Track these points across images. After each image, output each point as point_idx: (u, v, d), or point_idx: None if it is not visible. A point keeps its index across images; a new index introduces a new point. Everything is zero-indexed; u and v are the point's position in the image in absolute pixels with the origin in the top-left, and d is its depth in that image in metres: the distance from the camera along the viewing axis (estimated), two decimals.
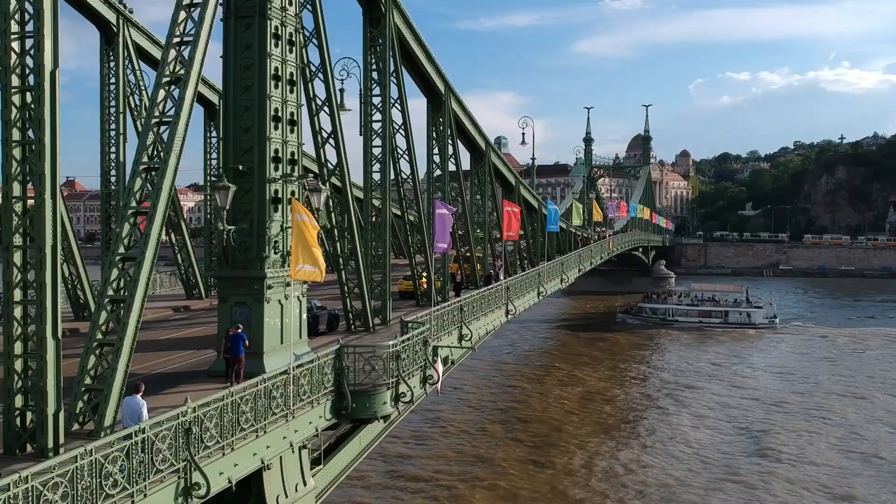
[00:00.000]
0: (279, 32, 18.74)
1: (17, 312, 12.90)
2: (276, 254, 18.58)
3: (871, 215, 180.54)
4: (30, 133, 12.90)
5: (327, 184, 22.56)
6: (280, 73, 18.73)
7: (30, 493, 9.46)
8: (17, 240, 12.89)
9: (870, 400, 49.73)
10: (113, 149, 29.12)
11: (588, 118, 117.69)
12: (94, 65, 31.86)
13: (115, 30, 28.42)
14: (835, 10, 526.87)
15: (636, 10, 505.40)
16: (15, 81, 12.81)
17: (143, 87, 29.29)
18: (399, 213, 31.65)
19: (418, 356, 19.74)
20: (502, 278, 36.94)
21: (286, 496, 17.65)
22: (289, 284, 18.70)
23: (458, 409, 46.34)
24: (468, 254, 37.57)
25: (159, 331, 26.48)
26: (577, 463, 36.55)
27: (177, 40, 16.29)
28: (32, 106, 12.76)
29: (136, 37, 29.44)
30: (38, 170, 12.66)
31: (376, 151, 26.70)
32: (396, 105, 27.51)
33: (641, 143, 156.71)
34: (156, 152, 15.38)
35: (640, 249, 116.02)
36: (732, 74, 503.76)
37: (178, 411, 12.16)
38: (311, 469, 19.14)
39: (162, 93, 15.86)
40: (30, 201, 12.92)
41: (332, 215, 24.22)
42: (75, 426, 13.70)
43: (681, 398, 50.18)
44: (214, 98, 32.79)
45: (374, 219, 27.94)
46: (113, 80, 28.79)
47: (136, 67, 29.21)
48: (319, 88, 23.06)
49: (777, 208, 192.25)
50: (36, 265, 12.83)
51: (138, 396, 13.34)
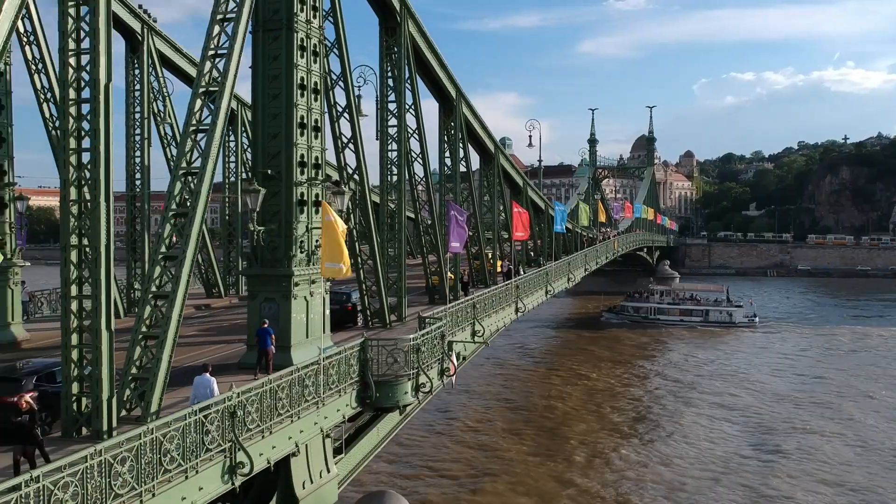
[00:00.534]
0: (304, 44, 19.86)
1: (74, 306, 14.04)
2: (301, 253, 19.69)
3: (874, 215, 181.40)
4: (84, 142, 14.05)
5: (348, 186, 23.68)
6: (305, 83, 19.85)
7: (103, 466, 10.58)
8: (73, 240, 14.03)
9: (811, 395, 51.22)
10: (138, 153, 30.22)
11: (593, 119, 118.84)
12: (119, 72, 33.02)
13: (139, 38, 29.55)
14: (838, 10, 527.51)
15: (639, 11, 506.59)
16: (72, 94, 13.95)
17: (166, 94, 30.43)
18: (413, 214, 32.72)
19: (436, 349, 20.87)
20: (522, 272, 38.16)
21: (311, 482, 18.77)
22: (314, 281, 19.84)
23: (465, 403, 47.57)
24: (477, 254, 38.66)
25: (184, 327, 27.51)
26: (579, 450, 37.76)
27: (211, 53, 17.44)
28: (88, 117, 13.89)
29: (159, 45, 30.59)
30: (94, 175, 13.79)
31: (392, 155, 27.82)
32: (410, 110, 28.65)
33: (645, 144, 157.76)
34: (193, 158, 16.52)
35: (645, 250, 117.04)
36: (736, 74, 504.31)
37: (224, 396, 13.28)
38: (334, 457, 20.32)
39: (199, 102, 17.01)
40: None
41: (352, 217, 25.32)
42: (122, 412, 14.85)
43: (665, 390, 51.90)
44: (234, 104, 33.89)
45: (389, 220, 29.01)
46: (138, 87, 29.90)
47: (160, 74, 30.33)
48: (339, 95, 24.25)
49: (781, 209, 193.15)
50: (91, 263, 13.95)
51: (207, 374, 14.68)
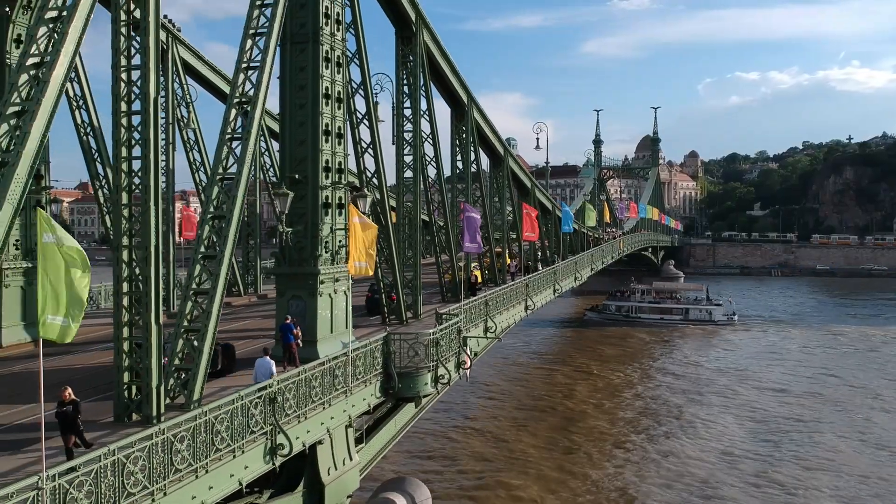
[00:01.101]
0: (329, 56, 21.08)
1: (125, 302, 15.27)
2: (326, 253, 20.90)
3: (878, 215, 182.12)
4: (135, 150, 15.28)
5: (367, 189, 24.92)
6: (329, 92, 21.08)
7: (166, 444, 11.83)
8: (125, 241, 15.27)
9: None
10: (163, 157, 31.39)
11: (598, 121, 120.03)
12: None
13: (165, 47, 30.84)
14: (843, 9, 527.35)
15: (643, 10, 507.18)
16: (123, 107, 15.19)
17: (189, 101, 31.72)
18: (426, 216, 33.96)
19: (453, 344, 22.11)
20: (540, 267, 39.39)
21: (335, 468, 20.02)
22: (337, 280, 21.07)
23: (467, 398, 49.06)
24: (487, 253, 39.88)
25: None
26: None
27: (244, 66, 18.67)
28: (139, 128, 15.12)
29: (182, 53, 31.88)
30: (145, 182, 15.03)
31: (407, 159, 29.06)
32: (425, 116, 29.87)
33: (650, 145, 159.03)
34: (229, 164, 17.75)
35: (650, 249, 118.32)
36: (741, 74, 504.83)
37: (265, 383, 14.53)
38: (356, 446, 21.56)
39: (234, 112, 18.22)
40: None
41: (370, 219, 26.54)
42: (167, 400, 16.07)
43: (637, 379, 53.14)
44: None
45: (405, 221, 30.26)
46: (163, 94, 31.17)
47: (184, 82, 31.63)
48: (358, 102, 25.46)
49: (785, 208, 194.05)
50: (141, 262, 15.18)
51: (267, 357, 16.09)
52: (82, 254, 11.01)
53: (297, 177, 20.86)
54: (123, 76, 15.20)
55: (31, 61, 12.96)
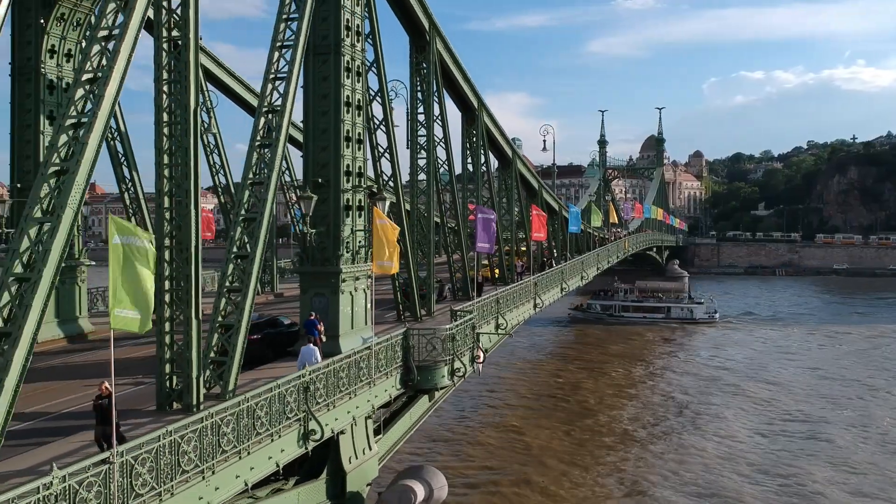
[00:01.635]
0: (349, 66, 22.25)
1: (167, 298, 16.42)
2: (347, 252, 22.07)
3: (882, 215, 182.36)
4: (176, 157, 16.44)
5: (384, 192, 26.10)
6: (350, 100, 22.25)
7: (216, 424, 13.01)
8: (167, 242, 16.42)
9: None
10: None
11: (602, 121, 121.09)
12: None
13: None
14: (849, 8, 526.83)
15: (648, 10, 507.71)
16: (165, 117, 16.35)
17: (210, 106, 32.87)
18: (438, 217, 35.14)
19: (468, 339, 23.26)
20: (555, 264, 40.57)
21: (356, 457, 21.19)
22: (357, 278, 22.24)
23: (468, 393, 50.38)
24: (496, 252, 41.00)
25: None
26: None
27: (272, 76, 19.83)
28: (179, 137, 16.28)
29: (203, 60, 33.01)
30: (185, 186, 16.18)
31: (421, 163, 30.23)
32: (437, 121, 31.02)
33: (655, 145, 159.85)
34: (260, 169, 18.91)
35: (655, 249, 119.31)
36: (746, 73, 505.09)
37: (299, 373, 15.70)
38: (374, 437, 22.74)
39: (262, 121, 19.39)
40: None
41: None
42: (203, 391, 17.23)
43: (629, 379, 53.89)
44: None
45: (419, 222, 31.43)
46: None
47: (205, 88, 32.74)
48: (374, 109, 26.62)
49: (789, 208, 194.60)
50: (182, 261, 16.34)
51: (311, 345, 17.33)
52: (152, 253, 12.37)
53: (320, 181, 22.03)
54: (165, 88, 16.37)
55: (85, 77, 14.13)
